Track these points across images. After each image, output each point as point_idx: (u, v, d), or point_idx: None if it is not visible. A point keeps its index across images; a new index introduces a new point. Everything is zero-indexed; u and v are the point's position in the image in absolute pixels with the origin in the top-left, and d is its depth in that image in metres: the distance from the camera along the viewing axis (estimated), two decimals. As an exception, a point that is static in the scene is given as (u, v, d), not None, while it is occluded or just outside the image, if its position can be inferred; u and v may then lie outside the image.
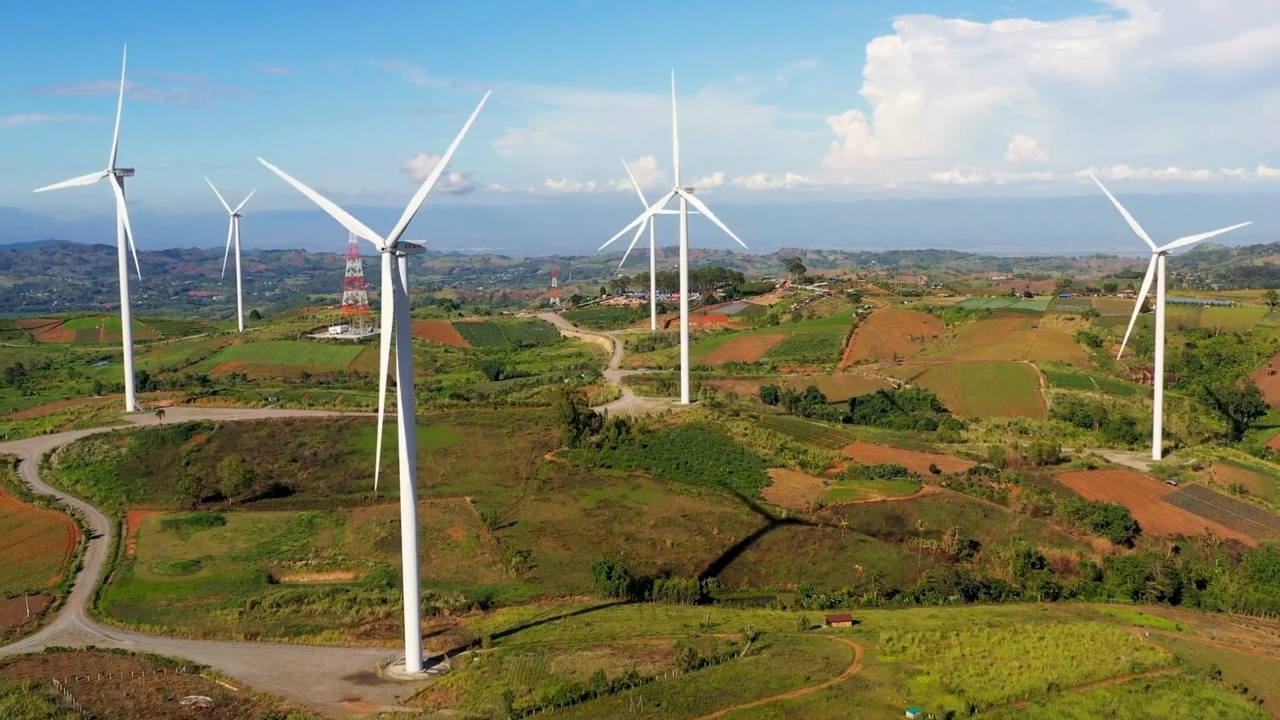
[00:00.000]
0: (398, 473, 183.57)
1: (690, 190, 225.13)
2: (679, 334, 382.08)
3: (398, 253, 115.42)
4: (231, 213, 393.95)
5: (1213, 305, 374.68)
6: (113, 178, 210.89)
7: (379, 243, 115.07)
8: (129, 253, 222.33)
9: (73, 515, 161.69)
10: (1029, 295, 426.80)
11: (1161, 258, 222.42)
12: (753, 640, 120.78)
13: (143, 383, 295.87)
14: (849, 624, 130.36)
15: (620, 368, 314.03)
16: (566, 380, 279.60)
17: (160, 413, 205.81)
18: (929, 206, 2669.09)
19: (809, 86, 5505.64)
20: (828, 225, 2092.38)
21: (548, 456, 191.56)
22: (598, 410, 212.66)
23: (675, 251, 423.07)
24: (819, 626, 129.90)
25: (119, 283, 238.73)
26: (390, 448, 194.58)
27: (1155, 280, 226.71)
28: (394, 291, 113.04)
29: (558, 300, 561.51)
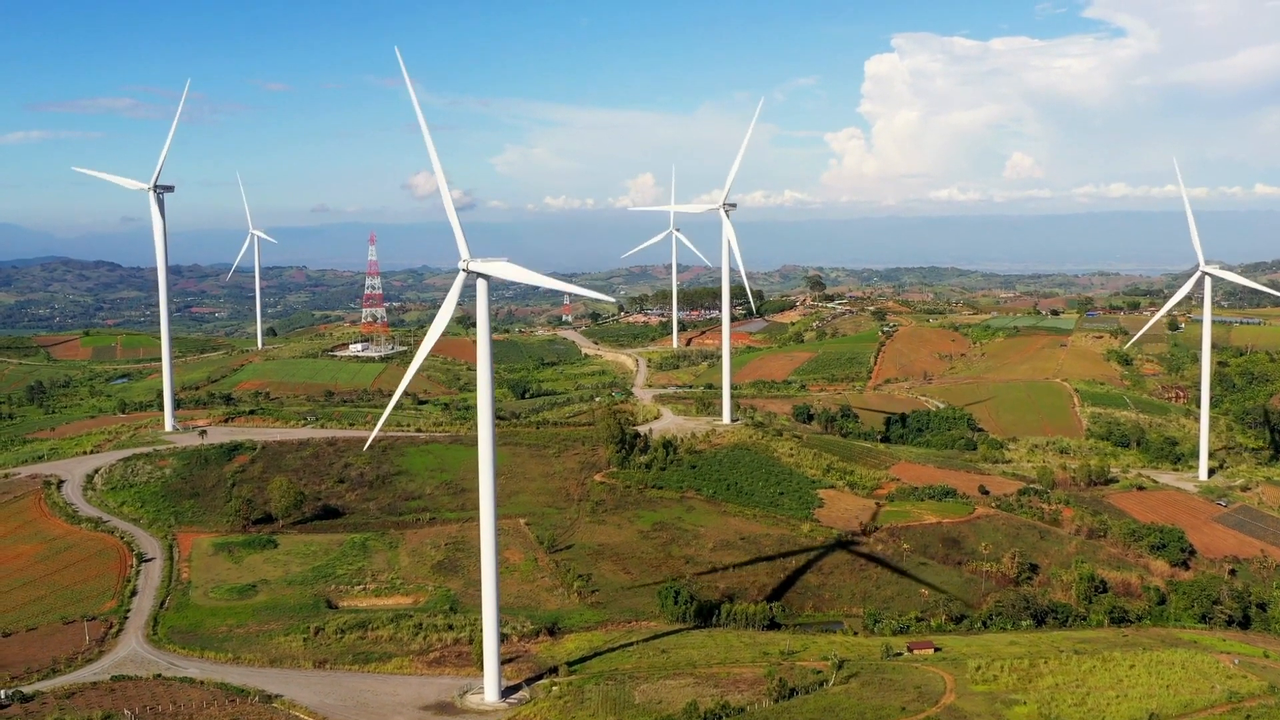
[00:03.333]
0: (448, 494, 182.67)
1: (733, 206, 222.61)
2: (702, 352, 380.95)
3: (477, 275, 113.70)
4: (251, 230, 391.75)
5: (1241, 323, 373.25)
6: (152, 195, 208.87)
7: (464, 261, 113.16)
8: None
9: (122, 538, 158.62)
10: (1055, 313, 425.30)
11: (1208, 276, 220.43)
12: (838, 668, 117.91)
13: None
14: (931, 651, 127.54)
15: (648, 386, 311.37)
16: (598, 399, 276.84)
17: (203, 433, 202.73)
18: (928, 224, 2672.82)
19: (807, 104, 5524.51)
20: (827, 242, 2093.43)
21: (598, 477, 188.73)
22: (640, 430, 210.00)
23: (678, 269, 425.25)
24: (901, 654, 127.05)
25: (158, 301, 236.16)
26: (437, 469, 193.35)
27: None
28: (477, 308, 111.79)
29: (569, 317, 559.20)
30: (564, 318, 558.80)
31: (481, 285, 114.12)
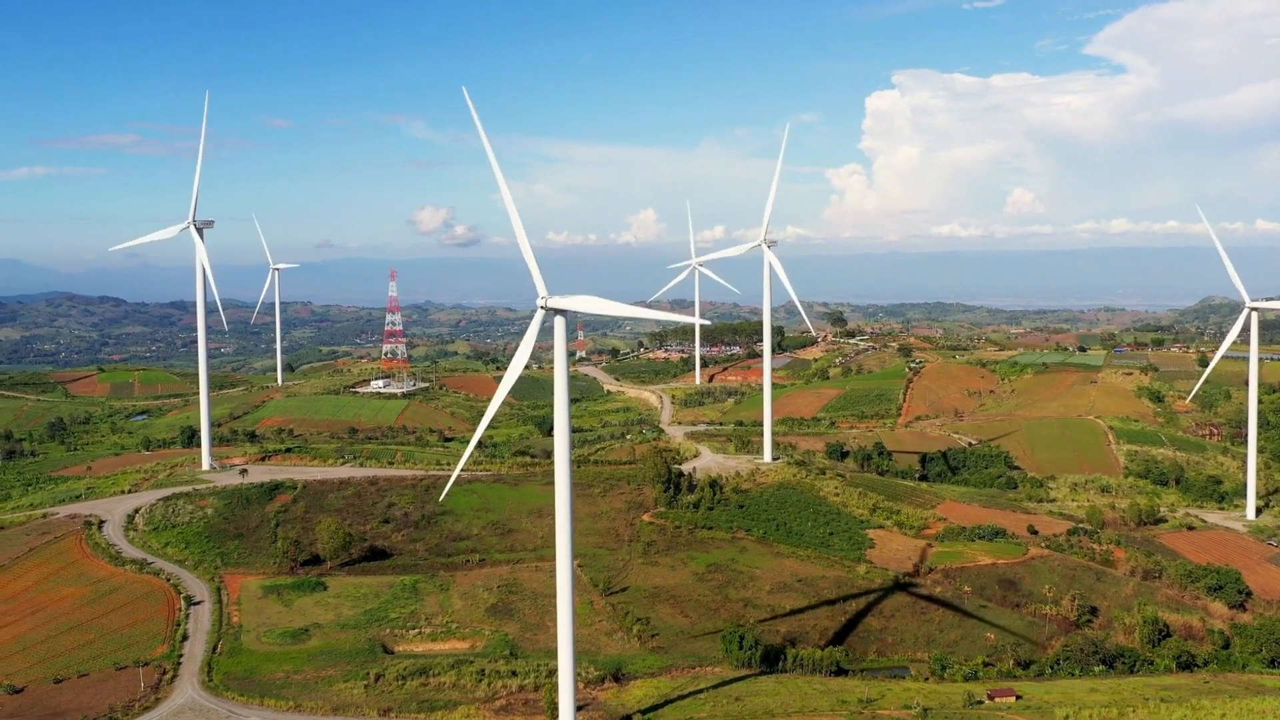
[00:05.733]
0: (495, 535, 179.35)
1: (774, 243, 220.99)
2: (725, 388, 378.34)
3: (556, 313, 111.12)
4: (272, 265, 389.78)
5: (1273, 359, 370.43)
6: (193, 229, 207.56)
7: (542, 298, 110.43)
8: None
9: (168, 580, 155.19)
10: (1082, 349, 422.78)
11: (1255, 313, 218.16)
12: (923, 717, 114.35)
13: (189, 438, 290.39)
14: (1013, 699, 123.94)
15: (677, 423, 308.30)
16: (629, 437, 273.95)
17: (244, 471, 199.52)
18: (930, 260, 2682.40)
19: (808, 140, 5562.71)
20: (830, 278, 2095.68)
21: (646, 517, 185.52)
22: (683, 469, 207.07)
23: (681, 305, 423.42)
24: (983, 701, 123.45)
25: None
26: (482, 509, 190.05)
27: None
28: (556, 346, 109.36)
29: (584, 353, 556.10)
30: (579, 353, 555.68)
31: (560, 322, 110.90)
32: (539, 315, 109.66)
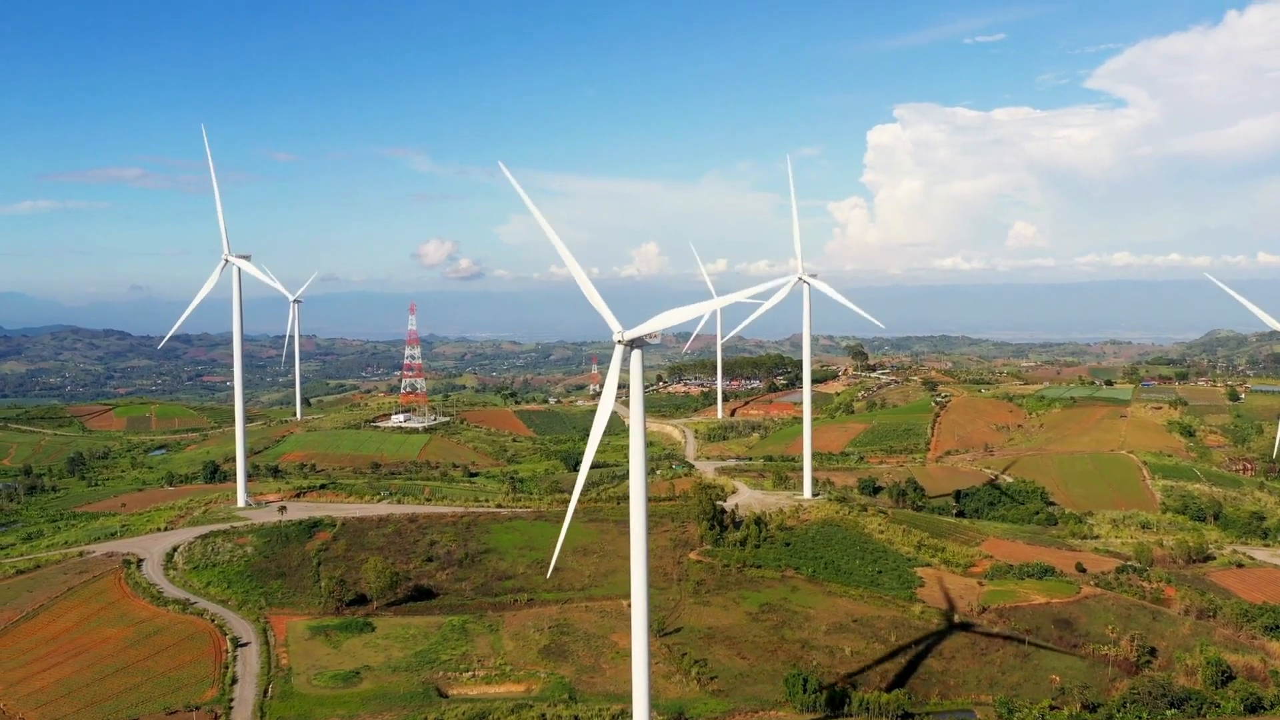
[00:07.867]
0: (541, 573, 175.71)
1: (814, 275, 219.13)
2: (749, 422, 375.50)
3: (633, 346, 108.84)
4: (291, 298, 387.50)
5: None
6: (226, 263, 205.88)
7: (618, 333, 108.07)
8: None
9: (212, 620, 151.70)
10: (1109, 383, 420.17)
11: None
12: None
13: (211, 473, 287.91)
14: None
15: (705, 458, 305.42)
16: (659, 472, 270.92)
17: (283, 508, 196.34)
18: (932, 293, 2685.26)
19: (810, 174, 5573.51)
20: (833, 311, 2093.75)
21: (693, 556, 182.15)
22: (726, 506, 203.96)
23: (687, 339, 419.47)
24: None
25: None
26: (525, 547, 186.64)
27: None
28: (632, 383, 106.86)
29: (597, 386, 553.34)
30: (592, 387, 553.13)
31: (636, 355, 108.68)
32: (618, 351, 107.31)
